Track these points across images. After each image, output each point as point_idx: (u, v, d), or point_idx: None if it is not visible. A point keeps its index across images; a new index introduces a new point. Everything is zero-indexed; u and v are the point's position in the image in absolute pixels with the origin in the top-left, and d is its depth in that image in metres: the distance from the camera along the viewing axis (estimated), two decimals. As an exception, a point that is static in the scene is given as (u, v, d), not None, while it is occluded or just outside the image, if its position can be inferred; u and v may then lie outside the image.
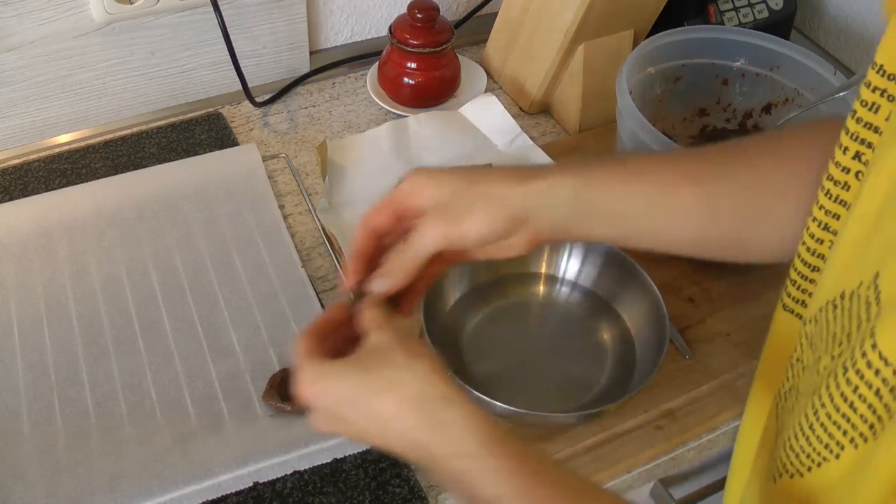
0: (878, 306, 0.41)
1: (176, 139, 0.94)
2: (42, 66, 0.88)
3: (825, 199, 0.51)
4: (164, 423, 0.68)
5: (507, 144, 0.96)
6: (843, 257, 0.47)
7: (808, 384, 0.48)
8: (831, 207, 0.50)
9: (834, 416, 0.44)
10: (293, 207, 0.88)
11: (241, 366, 0.72)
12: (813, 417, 0.46)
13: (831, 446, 0.45)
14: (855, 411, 0.42)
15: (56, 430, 0.67)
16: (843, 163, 0.49)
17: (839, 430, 0.44)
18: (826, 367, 0.46)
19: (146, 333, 0.74)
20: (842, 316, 0.45)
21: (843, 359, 0.43)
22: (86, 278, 0.77)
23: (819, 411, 0.45)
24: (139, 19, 0.90)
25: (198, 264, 0.79)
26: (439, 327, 0.73)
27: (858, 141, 0.48)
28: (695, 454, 0.73)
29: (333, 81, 1.04)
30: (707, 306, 0.80)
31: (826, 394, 0.44)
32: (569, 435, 0.69)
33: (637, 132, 0.77)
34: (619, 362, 0.74)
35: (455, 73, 1.01)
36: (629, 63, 0.83)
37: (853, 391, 0.41)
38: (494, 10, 1.05)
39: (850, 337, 0.43)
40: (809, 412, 0.46)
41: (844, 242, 0.47)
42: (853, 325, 0.43)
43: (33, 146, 0.92)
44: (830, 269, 0.48)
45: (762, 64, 0.89)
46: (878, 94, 0.46)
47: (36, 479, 0.63)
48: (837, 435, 0.44)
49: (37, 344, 0.72)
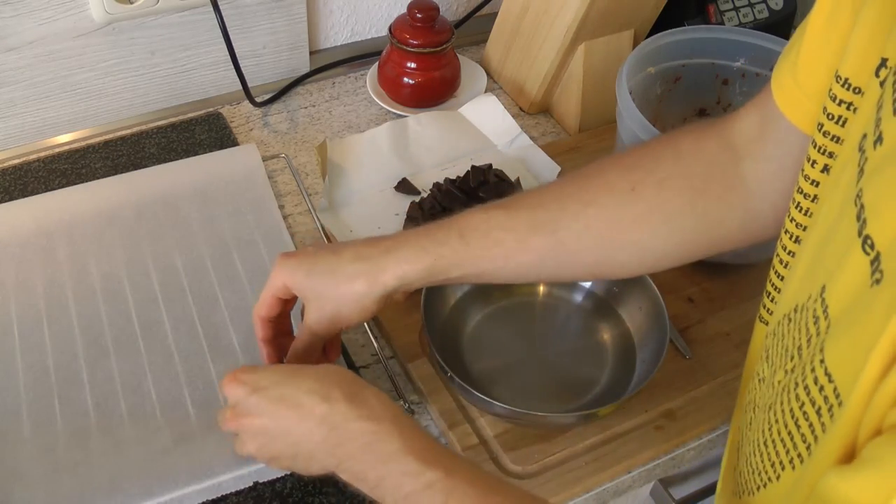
0: (828, 321, 0.40)
1: (176, 139, 0.94)
2: (42, 66, 0.88)
3: (796, 212, 0.50)
4: (165, 424, 0.68)
5: (507, 144, 0.96)
6: (801, 271, 0.46)
7: (765, 399, 0.48)
8: (802, 220, 0.50)
9: (783, 433, 0.43)
10: (293, 207, 0.88)
11: (241, 365, 0.71)
12: (767, 434, 0.45)
13: (776, 466, 0.44)
14: (798, 429, 0.41)
15: (56, 431, 0.67)
16: (811, 176, 0.49)
17: (784, 449, 0.43)
18: (780, 381, 0.45)
19: (146, 333, 0.74)
20: (794, 329, 0.45)
21: (795, 374, 0.42)
22: (86, 278, 0.77)
23: (773, 427, 0.44)
24: (139, 19, 0.90)
25: (198, 264, 0.79)
26: (439, 327, 0.73)
27: (826, 154, 0.47)
28: (695, 454, 0.73)
29: (333, 81, 1.04)
30: (707, 306, 0.80)
31: (780, 410, 0.44)
32: (569, 435, 0.69)
33: (637, 132, 0.77)
34: (619, 362, 0.74)
35: (455, 73, 1.01)
36: (629, 63, 0.83)
37: (800, 408, 0.41)
38: (494, 10, 1.05)
39: (801, 351, 0.43)
40: (765, 428, 0.46)
41: (804, 256, 0.47)
42: (803, 338, 0.43)
43: (33, 146, 0.92)
44: (790, 283, 0.48)
45: (762, 64, 0.89)
46: (844, 108, 0.46)
47: (36, 480, 0.63)
48: (782, 454, 0.43)
49: (37, 344, 0.72)
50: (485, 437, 0.69)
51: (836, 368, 0.38)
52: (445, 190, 0.85)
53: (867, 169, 0.39)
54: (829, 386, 0.38)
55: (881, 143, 0.38)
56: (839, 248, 0.40)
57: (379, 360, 0.75)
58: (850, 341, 0.37)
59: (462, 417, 0.70)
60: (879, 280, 0.35)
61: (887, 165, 0.37)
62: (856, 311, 0.37)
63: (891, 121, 0.38)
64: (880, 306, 0.35)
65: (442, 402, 0.71)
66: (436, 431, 0.71)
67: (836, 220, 0.41)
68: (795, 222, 0.51)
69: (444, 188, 0.85)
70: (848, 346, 0.37)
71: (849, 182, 0.41)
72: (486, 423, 0.70)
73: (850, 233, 0.38)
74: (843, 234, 0.39)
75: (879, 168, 0.38)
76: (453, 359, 0.72)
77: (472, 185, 0.85)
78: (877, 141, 0.38)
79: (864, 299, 0.36)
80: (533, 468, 0.67)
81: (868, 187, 0.38)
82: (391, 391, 0.73)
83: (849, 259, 0.38)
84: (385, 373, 0.74)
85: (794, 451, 0.42)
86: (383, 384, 0.73)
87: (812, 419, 0.40)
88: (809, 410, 0.40)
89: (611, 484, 0.69)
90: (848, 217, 0.39)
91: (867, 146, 0.39)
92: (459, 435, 0.69)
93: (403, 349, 0.74)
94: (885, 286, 0.35)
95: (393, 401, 0.57)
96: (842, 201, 0.41)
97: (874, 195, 0.37)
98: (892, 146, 0.37)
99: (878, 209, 0.37)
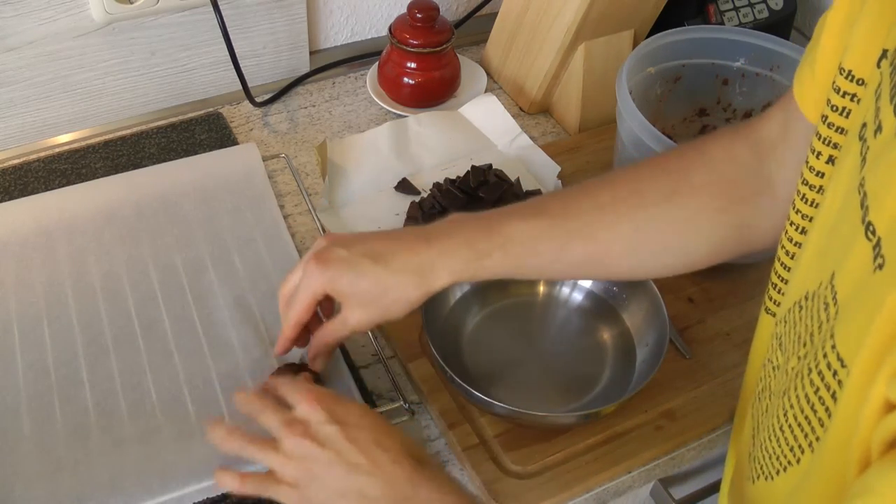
0: (836, 306, 0.41)
1: (176, 139, 0.94)
2: (42, 66, 0.88)
3: (801, 203, 0.51)
4: (164, 422, 0.68)
5: (507, 144, 0.96)
6: (808, 260, 0.47)
7: (779, 385, 0.48)
8: (807, 211, 0.51)
9: (799, 417, 0.44)
10: (293, 207, 0.88)
11: (241, 365, 0.72)
12: (783, 419, 0.46)
13: (795, 450, 0.45)
14: (815, 413, 0.42)
15: (56, 429, 0.67)
16: (816, 167, 0.49)
17: (802, 433, 0.44)
18: (794, 368, 0.46)
19: (146, 332, 0.74)
20: (805, 317, 0.45)
21: (808, 360, 0.43)
22: (86, 277, 0.77)
23: (788, 412, 0.45)
24: (139, 19, 0.90)
25: (198, 263, 0.79)
26: (439, 327, 0.73)
27: (831, 145, 0.48)
28: (695, 454, 0.73)
29: (333, 81, 1.04)
30: (707, 306, 0.80)
31: (794, 395, 0.44)
32: (569, 435, 0.69)
33: (637, 132, 0.77)
34: (619, 362, 0.74)
35: (455, 73, 1.01)
36: (629, 63, 0.83)
37: (815, 392, 0.42)
38: (494, 10, 1.05)
39: (813, 338, 0.44)
40: (780, 414, 0.46)
41: (810, 245, 0.47)
42: (815, 325, 0.44)
43: (33, 146, 0.92)
44: (798, 271, 0.49)
45: (762, 64, 0.89)
46: (849, 99, 0.46)
47: (36, 478, 0.63)
48: (801, 438, 0.44)
49: (37, 343, 0.72)
50: (485, 437, 0.69)
51: (847, 353, 0.38)
52: (445, 190, 0.85)
53: (869, 157, 0.40)
54: (842, 371, 0.39)
55: (881, 131, 0.39)
56: (845, 235, 0.40)
57: (379, 360, 0.75)
58: (857, 326, 0.38)
59: (462, 417, 0.70)
60: (882, 265, 0.36)
61: (886, 153, 0.38)
62: (862, 297, 0.38)
63: (888, 109, 0.38)
64: (882, 288, 0.35)
65: (442, 402, 0.71)
66: (436, 431, 0.71)
67: (842, 209, 0.42)
68: (801, 213, 0.51)
69: (444, 188, 0.85)
70: (856, 331, 0.38)
71: (851, 171, 0.41)
72: (486, 423, 0.70)
73: (854, 220, 0.39)
74: (848, 222, 0.40)
75: (879, 156, 0.39)
76: (453, 359, 0.72)
77: (472, 185, 0.85)
78: (877, 130, 0.39)
79: (869, 284, 0.37)
80: (533, 468, 0.67)
81: (870, 175, 0.39)
82: (391, 391, 0.73)
83: (854, 246, 0.39)
84: (385, 373, 0.74)
85: (813, 434, 0.42)
86: (383, 384, 0.73)
87: (828, 403, 0.40)
88: (825, 395, 0.41)
89: (611, 484, 0.69)
90: (852, 205, 0.40)
91: (868, 135, 0.40)
92: (459, 435, 0.69)
93: (403, 349, 0.74)
94: (887, 270, 0.36)
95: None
96: (846, 190, 0.42)
97: (875, 183, 0.38)
98: (890, 134, 0.38)
99: (878, 196, 0.38)
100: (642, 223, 0.61)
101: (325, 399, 0.56)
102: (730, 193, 0.61)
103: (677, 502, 0.78)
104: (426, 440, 0.70)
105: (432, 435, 0.71)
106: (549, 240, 0.61)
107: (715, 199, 0.61)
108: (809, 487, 0.42)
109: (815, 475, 0.41)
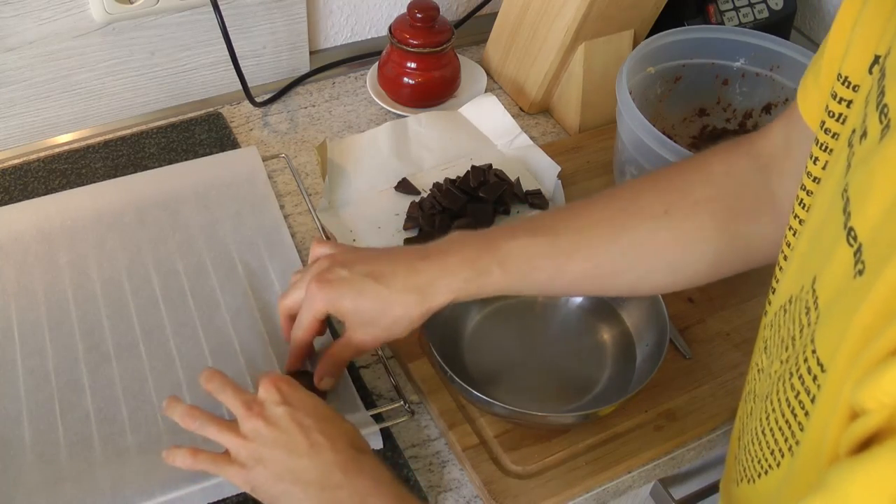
0: (817, 311, 0.41)
1: (176, 139, 0.94)
2: (42, 66, 0.88)
3: (799, 209, 0.51)
4: (166, 429, 0.67)
5: (507, 144, 0.96)
6: (794, 264, 0.47)
7: (763, 388, 0.48)
8: (804, 216, 0.51)
9: (780, 421, 0.44)
10: (293, 207, 0.88)
11: (243, 369, 0.72)
12: (765, 422, 0.46)
13: (776, 453, 0.45)
14: (795, 417, 0.42)
15: (57, 436, 0.66)
16: (814, 173, 0.50)
17: (783, 437, 0.44)
18: (776, 371, 0.46)
19: (147, 338, 0.73)
20: (789, 321, 0.45)
21: (790, 364, 0.43)
22: (86, 283, 0.77)
23: (770, 416, 0.45)
24: (139, 19, 0.90)
25: (199, 267, 0.79)
26: (439, 327, 0.73)
27: (827, 151, 0.48)
28: (695, 454, 0.73)
29: (333, 81, 1.04)
30: (707, 306, 0.80)
31: (776, 399, 0.44)
32: (569, 435, 0.69)
33: (637, 132, 0.77)
34: (619, 362, 0.74)
35: (455, 73, 1.01)
36: (629, 63, 0.83)
37: (795, 397, 0.42)
38: (494, 10, 1.05)
39: (795, 342, 0.44)
40: (763, 417, 0.46)
41: (798, 249, 0.47)
42: (797, 329, 0.44)
43: (33, 146, 0.92)
44: (786, 275, 0.49)
45: (762, 64, 0.89)
46: (844, 105, 0.46)
47: (37, 486, 0.63)
48: (781, 441, 0.44)
49: (37, 349, 0.72)
50: (485, 437, 0.69)
51: (826, 358, 0.39)
52: (445, 190, 0.85)
53: (853, 163, 0.40)
54: (822, 375, 0.39)
55: (866, 137, 0.39)
56: (828, 240, 0.40)
57: (379, 360, 0.75)
58: (836, 331, 0.38)
59: (462, 417, 0.70)
60: (862, 271, 0.36)
61: (869, 158, 0.38)
62: (842, 302, 0.38)
63: (873, 115, 0.38)
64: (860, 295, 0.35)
65: (442, 402, 0.71)
66: (436, 431, 0.71)
67: (827, 214, 0.42)
68: (799, 219, 0.51)
69: (444, 188, 0.85)
70: (835, 337, 0.38)
71: (838, 176, 0.41)
72: (486, 423, 0.70)
73: (837, 226, 0.39)
74: (831, 226, 0.40)
75: (862, 161, 0.39)
76: (453, 359, 0.72)
77: (472, 185, 0.85)
78: (862, 136, 0.39)
79: (849, 290, 0.37)
80: (533, 468, 0.67)
81: (853, 181, 0.39)
82: (391, 391, 0.73)
83: (836, 251, 0.39)
84: (385, 373, 0.74)
85: (793, 438, 0.42)
86: (383, 384, 0.73)
87: (808, 407, 0.41)
88: (804, 399, 0.41)
89: (611, 484, 0.69)
90: (836, 210, 0.40)
91: (855, 140, 0.40)
92: (459, 435, 0.69)
93: (403, 349, 0.74)
94: (867, 276, 0.36)
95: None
96: (832, 195, 0.42)
97: (857, 188, 0.38)
98: (873, 140, 0.38)
99: (859, 202, 0.38)
100: (642, 240, 0.61)
101: (283, 383, 0.59)
102: (731, 209, 0.61)
103: (677, 502, 0.78)
104: (426, 440, 0.70)
105: (432, 435, 0.71)
106: (548, 257, 0.61)
107: (715, 215, 0.61)
108: (788, 491, 0.42)
109: (794, 479, 0.42)
